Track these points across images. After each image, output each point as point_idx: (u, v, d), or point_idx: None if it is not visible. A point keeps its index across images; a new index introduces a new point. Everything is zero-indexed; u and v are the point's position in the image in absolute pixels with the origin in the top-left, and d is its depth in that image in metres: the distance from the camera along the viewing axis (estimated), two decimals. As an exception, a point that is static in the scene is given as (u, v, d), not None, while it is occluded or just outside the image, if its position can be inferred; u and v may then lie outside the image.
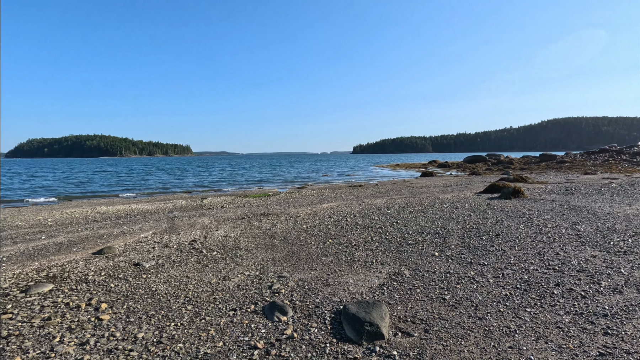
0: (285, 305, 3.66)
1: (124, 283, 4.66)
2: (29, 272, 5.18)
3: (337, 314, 3.54)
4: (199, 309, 3.76)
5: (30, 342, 3.15)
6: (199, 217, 9.80)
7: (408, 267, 4.96)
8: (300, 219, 9.02)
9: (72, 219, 10.36)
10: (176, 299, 4.07)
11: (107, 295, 4.23)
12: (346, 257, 5.61)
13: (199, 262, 5.57)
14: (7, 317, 3.66)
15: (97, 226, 8.91)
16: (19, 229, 8.96)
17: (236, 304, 3.88)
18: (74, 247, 6.70)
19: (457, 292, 4.00)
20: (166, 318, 3.56)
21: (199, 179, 32.20)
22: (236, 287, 4.40)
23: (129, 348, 2.99)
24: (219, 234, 7.63)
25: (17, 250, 6.48)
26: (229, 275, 4.86)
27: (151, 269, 5.27)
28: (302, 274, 4.86)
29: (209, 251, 6.19)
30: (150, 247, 6.54)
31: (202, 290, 4.31)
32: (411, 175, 32.08)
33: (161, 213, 11.14)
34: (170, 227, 8.51)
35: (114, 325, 3.42)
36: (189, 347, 2.99)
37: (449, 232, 6.91)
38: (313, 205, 11.47)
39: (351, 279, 4.59)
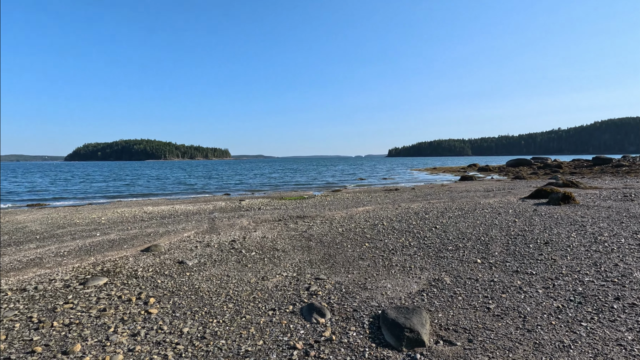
0: (323, 308, 3.67)
1: (169, 280, 4.91)
2: (86, 266, 5.61)
3: (375, 318, 3.50)
4: (239, 307, 3.87)
5: (89, 330, 3.40)
6: (237, 219, 10.11)
7: (448, 274, 4.79)
8: (335, 222, 9.02)
9: (123, 218, 11.09)
10: (218, 296, 4.22)
11: (155, 291, 4.47)
12: (383, 261, 5.53)
13: (239, 261, 5.74)
14: (69, 306, 3.98)
15: (144, 225, 9.46)
16: (77, 226, 9.73)
17: (275, 304, 3.95)
18: (124, 244, 7.17)
19: (502, 302, 3.80)
20: (209, 315, 3.70)
21: (236, 182, 33.23)
22: (274, 288, 4.48)
23: (176, 341, 3.14)
24: (257, 235, 7.82)
25: (76, 246, 7.04)
26: (267, 276, 4.96)
27: (194, 267, 5.51)
28: (339, 277, 4.85)
29: (248, 251, 6.36)
30: (193, 246, 6.84)
31: (242, 289, 4.43)
32: (449, 179, 31.03)
33: (202, 214, 11.61)
34: (211, 228, 8.85)
35: (161, 319, 3.61)
36: (231, 344, 3.08)
37: (491, 239, 6.60)
38: (348, 209, 11.44)
39: (389, 283, 4.51)
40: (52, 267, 5.57)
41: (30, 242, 7.58)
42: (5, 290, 4.54)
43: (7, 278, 5.07)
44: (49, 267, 5.58)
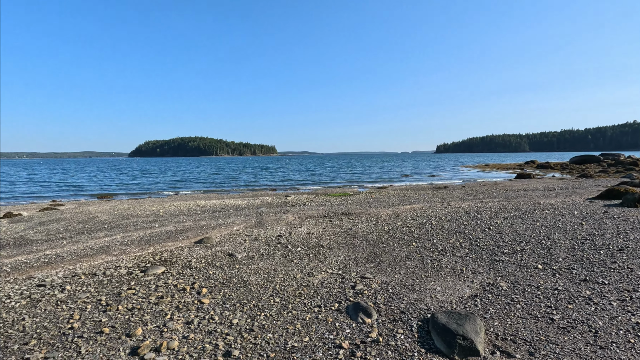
0: (369, 307, 3.60)
1: (220, 271, 5.12)
2: (146, 255, 6.05)
3: (424, 322, 3.36)
4: (285, 302, 3.92)
5: (148, 316, 3.65)
6: (283, 214, 10.31)
7: (505, 279, 4.47)
8: (381, 220, 8.85)
9: (178, 211, 11.81)
10: (265, 290, 4.32)
11: (207, 281, 4.69)
12: (432, 262, 5.31)
13: (285, 256, 5.84)
14: (132, 292, 4.31)
15: (197, 218, 10.00)
16: (139, 217, 10.54)
17: (320, 300, 3.96)
18: (180, 235, 7.62)
19: (568, 313, 3.46)
20: (257, 308, 3.79)
21: (282, 178, 33.99)
22: (320, 284, 4.49)
23: (226, 332, 3.25)
24: (302, 230, 7.91)
25: (138, 236, 7.63)
26: (313, 272, 4.99)
27: (243, 260, 5.70)
28: (386, 276, 4.74)
29: (294, 247, 6.45)
30: (241, 240, 7.09)
31: (289, 284, 4.50)
32: (504, 176, 29.10)
33: (250, 208, 12.00)
34: (259, 222, 9.11)
35: (213, 309, 3.77)
36: (278, 338, 3.13)
37: (554, 243, 6.05)
38: (394, 207, 11.16)
39: (439, 286, 4.32)
40: (118, 255, 6.08)
41: (100, 231, 8.34)
42: (80, 274, 5.03)
43: (81, 263, 5.62)
44: (115, 255, 6.09)
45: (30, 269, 5.34)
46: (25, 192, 23.37)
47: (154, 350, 2.95)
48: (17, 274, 5.11)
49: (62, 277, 4.92)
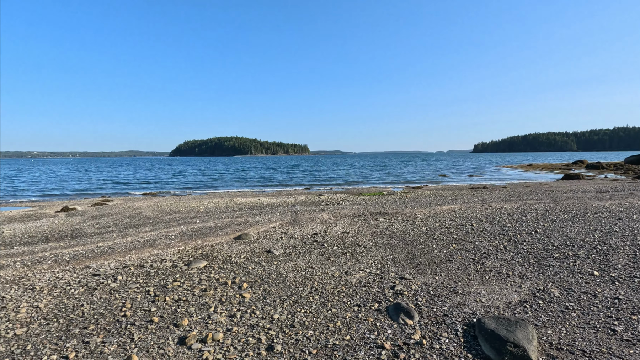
0: (410, 309, 3.52)
1: (259, 267, 5.23)
2: (189, 250, 6.30)
3: (470, 326, 3.22)
4: (324, 300, 3.93)
5: (194, 307, 3.80)
6: (318, 212, 10.35)
7: (557, 285, 4.19)
8: (418, 220, 8.63)
9: (217, 208, 12.22)
10: (304, 287, 4.35)
11: (247, 276, 4.80)
12: (475, 265, 5.10)
13: (322, 254, 5.85)
14: (177, 284, 4.50)
15: (235, 215, 10.29)
16: (181, 213, 11.02)
17: (359, 300, 3.92)
18: (219, 231, 7.88)
19: (633, 325, 3.18)
20: (296, 304, 3.83)
21: (315, 177, 34.17)
22: (358, 283, 4.45)
23: (268, 327, 3.31)
24: (337, 229, 7.90)
25: (181, 231, 7.97)
26: (350, 271, 4.96)
27: (280, 256, 5.78)
28: (426, 278, 4.61)
29: (330, 245, 6.45)
30: (278, 237, 7.20)
31: (327, 282, 4.50)
32: (549, 177, 27.42)
33: (285, 206, 12.17)
34: (294, 220, 9.21)
35: (254, 304, 3.85)
36: (319, 336, 3.13)
37: (611, 248, 5.61)
38: (431, 207, 10.86)
39: (483, 290, 4.13)
40: (163, 249, 6.38)
41: (146, 226, 8.81)
42: (129, 266, 5.34)
43: (130, 255, 5.96)
44: (160, 248, 6.40)
45: (86, 259, 5.74)
46: (76, 189, 25.21)
47: (200, 340, 3.05)
48: (75, 264, 5.51)
49: (113, 268, 5.24)
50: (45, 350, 2.95)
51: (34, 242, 7.29)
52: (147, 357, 2.84)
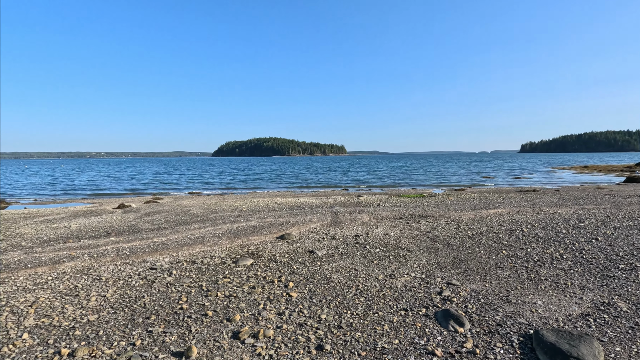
0: (460, 316, 3.42)
1: (303, 267, 5.33)
2: (235, 247, 6.56)
3: (526, 338, 3.07)
4: (370, 303, 3.93)
5: (244, 304, 3.96)
6: (358, 214, 10.32)
7: (624, 299, 3.87)
8: (463, 224, 8.34)
9: (259, 207, 12.59)
10: (349, 289, 4.37)
11: (292, 276, 4.91)
12: (528, 273, 4.84)
13: (364, 257, 5.84)
14: (227, 280, 4.71)
15: (277, 215, 10.54)
16: (225, 212, 11.48)
17: (406, 304, 3.88)
18: (263, 230, 8.12)
19: None
20: (342, 305, 3.86)
21: (353, 178, 34.07)
22: (403, 287, 4.40)
23: (316, 326, 3.38)
24: (379, 231, 7.84)
25: (227, 229, 8.31)
26: (394, 274, 4.91)
27: (323, 257, 5.85)
28: (475, 284, 4.45)
29: (372, 247, 6.42)
30: (320, 238, 7.28)
31: (371, 285, 4.49)
32: (608, 180, 25.23)
33: (324, 207, 12.26)
34: (334, 221, 9.26)
35: (301, 303, 3.94)
36: (367, 338, 3.15)
37: (688, 261, 5.07)
38: (477, 210, 10.43)
39: (539, 300, 3.92)
40: (211, 246, 6.70)
41: (194, 223, 9.28)
42: (182, 261, 5.67)
43: (182, 251, 6.32)
44: (209, 245, 6.73)
45: (143, 254, 6.17)
46: (128, 188, 27.07)
47: (252, 336, 3.19)
48: (134, 257, 5.94)
49: (168, 263, 5.59)
50: (115, 337, 3.23)
51: (97, 236, 7.95)
52: (205, 348, 3.01)
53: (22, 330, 3.35)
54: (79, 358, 2.86)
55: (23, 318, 3.63)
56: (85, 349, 2.96)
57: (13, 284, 4.69)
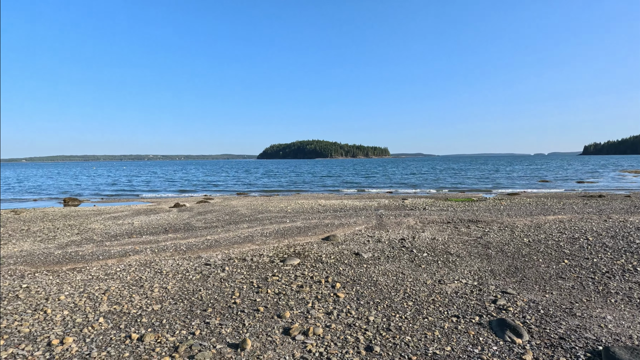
0: (518, 326, 3.24)
1: (349, 269, 5.35)
2: (282, 247, 6.75)
3: (595, 355, 2.84)
4: (419, 307, 3.85)
5: (293, 302, 4.07)
6: (404, 217, 10.13)
7: None
8: (518, 231, 7.86)
9: (303, 209, 12.82)
10: (396, 292, 4.32)
11: (339, 277, 4.96)
12: (595, 285, 4.46)
13: (411, 260, 5.73)
14: (276, 278, 4.87)
15: (321, 216, 10.66)
16: (271, 212, 11.83)
17: (457, 311, 3.75)
18: (308, 231, 8.26)
19: None
20: (390, 308, 3.83)
21: (396, 180, 33.42)
22: (454, 293, 4.26)
23: (364, 327, 3.39)
24: (425, 235, 7.64)
25: (274, 229, 8.57)
26: (444, 280, 4.77)
27: (369, 260, 5.82)
28: (533, 294, 4.19)
29: (419, 251, 6.27)
30: (365, 240, 7.26)
31: (419, 290, 4.40)
32: (692, 185, 22.32)
33: (368, 210, 12.18)
34: (379, 224, 9.17)
35: (348, 304, 3.97)
36: (417, 343, 3.10)
37: None
38: (533, 216, 9.77)
39: (609, 315, 3.60)
40: (260, 245, 6.95)
41: (243, 223, 9.68)
42: (233, 258, 5.95)
43: (233, 249, 6.63)
44: (257, 244, 6.99)
45: (198, 250, 6.57)
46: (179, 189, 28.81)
47: (302, 333, 3.27)
48: (190, 253, 6.34)
49: (221, 259, 5.90)
50: (177, 326, 3.48)
51: (157, 232, 8.58)
52: (258, 342, 3.15)
53: (98, 315, 3.74)
54: (146, 343, 3.13)
55: (98, 304, 4.04)
56: (152, 335, 3.23)
57: (88, 273, 5.23)
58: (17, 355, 2.95)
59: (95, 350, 3.01)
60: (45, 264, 5.80)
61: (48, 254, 6.47)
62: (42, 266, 5.65)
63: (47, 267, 5.61)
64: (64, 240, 7.79)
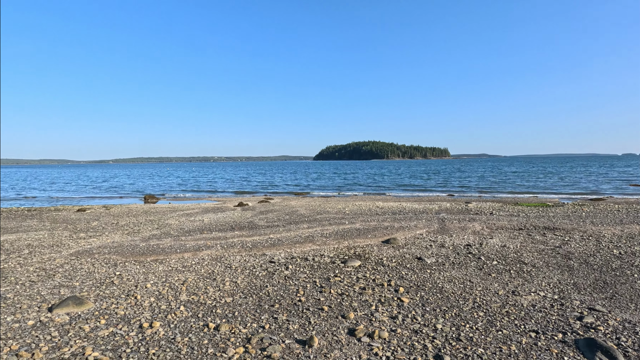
0: (611, 349, 2.90)
1: (412, 273, 5.22)
2: (342, 248, 6.80)
3: None
4: (491, 319, 3.63)
5: (356, 303, 4.09)
6: (468, 222, 9.60)
7: None
8: (606, 241, 7.01)
9: (361, 210, 12.76)
10: (465, 301, 4.12)
11: (401, 281, 4.86)
12: None
13: (480, 268, 5.42)
14: (338, 279, 4.93)
15: (380, 219, 10.53)
16: (329, 213, 11.97)
17: (536, 325, 3.47)
18: (368, 233, 8.22)
19: None
20: (459, 317, 3.67)
21: (457, 183, 31.72)
22: (531, 306, 3.94)
23: (432, 335, 3.29)
24: (494, 242, 7.16)
25: (333, 230, 8.67)
26: (518, 291, 4.43)
27: (433, 265, 5.62)
28: (628, 314, 3.72)
29: (488, 259, 5.90)
30: (427, 245, 7.02)
31: (491, 300, 4.15)
32: None
33: (429, 213, 11.74)
34: (442, 228, 8.80)
35: (413, 310, 3.88)
36: (491, 356, 2.93)
37: None
38: (624, 225, 8.64)
39: None
40: (320, 245, 7.08)
41: (303, 223, 9.93)
42: (296, 257, 6.14)
43: (295, 248, 6.85)
44: (318, 245, 7.13)
45: (263, 248, 6.89)
46: (240, 188, 30.35)
47: (368, 335, 3.28)
48: (255, 250, 6.68)
49: (284, 258, 6.12)
50: (247, 318, 3.70)
51: (225, 229, 9.17)
52: (324, 340, 3.22)
53: (179, 303, 4.11)
54: (222, 332, 3.37)
55: (178, 293, 4.44)
56: (227, 325, 3.48)
57: (168, 265, 5.77)
58: (116, 334, 3.36)
59: (179, 336, 3.32)
60: (133, 254, 6.52)
61: (134, 245, 7.26)
62: (130, 256, 6.37)
63: (134, 257, 6.31)
64: (146, 234, 8.68)
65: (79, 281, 4.94)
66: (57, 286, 4.73)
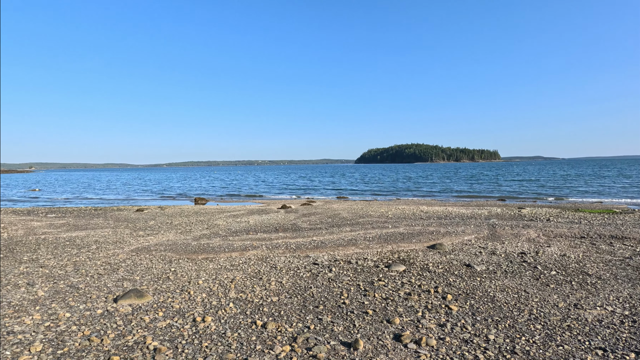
0: (697, 374, 2.58)
1: (460, 280, 5.01)
2: (386, 252, 6.70)
3: None
4: (550, 332, 3.38)
5: (401, 308, 4.01)
6: (522, 229, 9.01)
7: None
8: (687, 253, 6.23)
9: (404, 214, 12.48)
10: (520, 312, 3.88)
11: (449, 288, 4.69)
12: None
13: (536, 278, 5.07)
14: (382, 283, 4.87)
15: (425, 223, 10.22)
16: (372, 217, 11.84)
17: (603, 343, 3.17)
18: (412, 238, 8.02)
19: None
20: (514, 329, 3.46)
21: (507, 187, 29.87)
22: (596, 322, 3.61)
23: (484, 346, 3.13)
24: (552, 250, 6.66)
25: (376, 234, 8.57)
26: (581, 304, 4.08)
27: (483, 273, 5.35)
28: None
29: (545, 269, 5.50)
30: (476, 251, 6.70)
31: (549, 312, 3.86)
32: None
33: (478, 218, 11.18)
34: (492, 235, 8.35)
35: (463, 318, 3.72)
36: (551, 372, 2.73)
37: None
38: None
39: None
40: (363, 249, 7.03)
41: (345, 226, 9.93)
42: (339, 260, 6.16)
43: (338, 251, 6.87)
44: (361, 248, 7.09)
45: (306, 250, 6.99)
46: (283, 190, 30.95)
47: (414, 342, 3.20)
48: (299, 252, 6.79)
49: (327, 260, 6.16)
50: (293, 318, 3.78)
51: (269, 231, 9.43)
52: (369, 344, 3.19)
53: (228, 300, 4.30)
54: (269, 330, 3.47)
55: (227, 291, 4.64)
56: (273, 324, 3.57)
57: (217, 263, 6.06)
58: (172, 326, 3.59)
59: (229, 331, 3.47)
60: (186, 252, 6.92)
61: (187, 244, 7.71)
62: (183, 254, 6.77)
63: (187, 255, 6.70)
64: (197, 233, 9.18)
65: (139, 275, 5.35)
66: (121, 279, 5.16)
